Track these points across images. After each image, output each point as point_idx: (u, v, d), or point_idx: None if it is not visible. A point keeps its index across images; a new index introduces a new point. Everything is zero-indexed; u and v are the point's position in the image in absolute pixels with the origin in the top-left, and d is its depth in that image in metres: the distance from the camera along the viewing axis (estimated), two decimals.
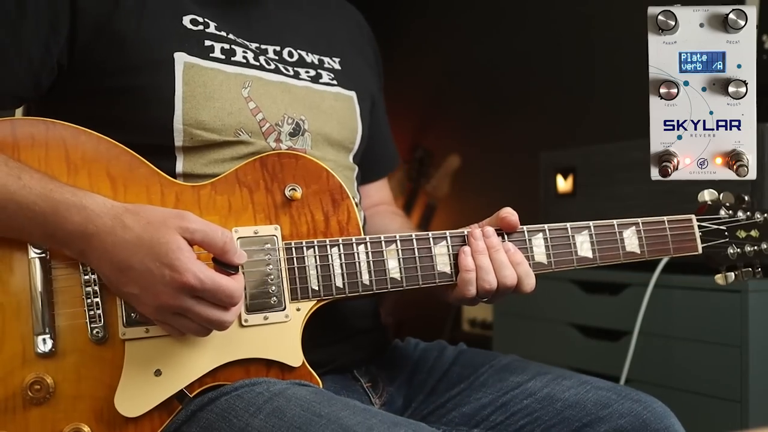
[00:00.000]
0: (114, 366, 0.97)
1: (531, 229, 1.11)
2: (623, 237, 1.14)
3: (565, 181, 2.10)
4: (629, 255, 1.14)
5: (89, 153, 1.00)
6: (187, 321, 0.93)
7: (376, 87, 1.37)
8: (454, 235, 1.08)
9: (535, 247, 1.10)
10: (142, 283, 0.91)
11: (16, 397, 0.95)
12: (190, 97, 1.05)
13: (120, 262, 0.91)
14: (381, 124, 1.41)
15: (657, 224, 1.16)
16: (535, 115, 2.94)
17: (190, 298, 0.91)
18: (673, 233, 1.16)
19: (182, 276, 0.89)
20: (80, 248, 0.93)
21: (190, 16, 1.10)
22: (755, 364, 1.59)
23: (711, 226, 1.18)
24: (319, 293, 1.03)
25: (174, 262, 0.89)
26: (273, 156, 1.05)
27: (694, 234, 1.17)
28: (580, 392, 1.10)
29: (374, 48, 1.42)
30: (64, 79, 1.06)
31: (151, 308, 0.92)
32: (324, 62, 1.24)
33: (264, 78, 1.13)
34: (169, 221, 0.91)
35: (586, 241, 1.12)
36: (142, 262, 0.90)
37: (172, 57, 1.06)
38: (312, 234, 1.04)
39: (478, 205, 3.29)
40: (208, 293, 0.90)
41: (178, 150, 1.06)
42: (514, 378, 1.15)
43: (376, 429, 0.88)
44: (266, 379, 0.99)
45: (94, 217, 0.92)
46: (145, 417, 0.97)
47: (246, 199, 1.03)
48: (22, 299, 0.96)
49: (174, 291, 0.90)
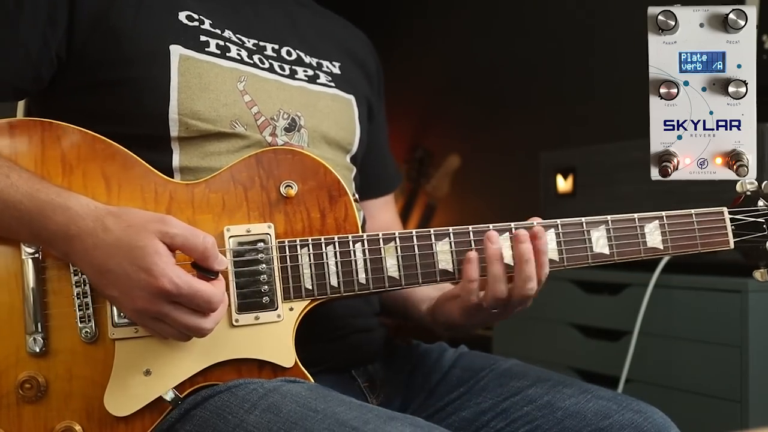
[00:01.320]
0: (105, 365, 0.97)
1: (542, 224, 1.06)
2: (644, 232, 1.08)
3: (565, 181, 2.09)
4: (651, 251, 1.08)
5: (84, 152, 1.00)
6: (166, 326, 0.92)
7: (375, 101, 1.36)
8: (457, 231, 1.05)
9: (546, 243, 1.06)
10: (120, 287, 0.90)
11: (10, 395, 0.96)
12: (185, 87, 1.05)
13: (100, 264, 0.91)
14: (381, 141, 1.40)
15: (683, 217, 1.09)
16: (535, 115, 2.94)
17: (167, 303, 0.90)
18: (702, 227, 1.09)
19: (157, 281, 0.88)
20: (64, 249, 0.93)
21: (186, 12, 1.11)
22: (755, 364, 1.59)
23: (747, 218, 1.10)
24: (313, 292, 1.01)
25: (150, 267, 0.88)
26: (269, 152, 1.04)
27: (725, 228, 1.09)
28: (580, 401, 1.09)
29: (378, 67, 1.41)
30: (62, 71, 1.07)
31: (130, 311, 0.92)
32: (323, 65, 1.24)
33: (258, 75, 1.13)
34: (149, 225, 0.91)
35: (603, 236, 1.07)
36: (120, 265, 0.89)
37: (167, 49, 1.06)
38: (307, 232, 1.03)
39: (478, 205, 3.29)
40: (185, 299, 0.89)
41: (174, 141, 1.06)
42: (515, 383, 1.14)
43: (372, 423, 0.88)
44: (260, 379, 0.98)
45: (77, 219, 0.92)
46: (136, 416, 0.97)
47: (240, 196, 1.02)
48: (15, 299, 0.96)
49: (150, 296, 0.89)
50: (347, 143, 1.23)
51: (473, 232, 1.05)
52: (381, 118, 1.41)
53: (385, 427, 0.87)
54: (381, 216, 1.41)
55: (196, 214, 1.00)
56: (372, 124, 1.34)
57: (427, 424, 0.92)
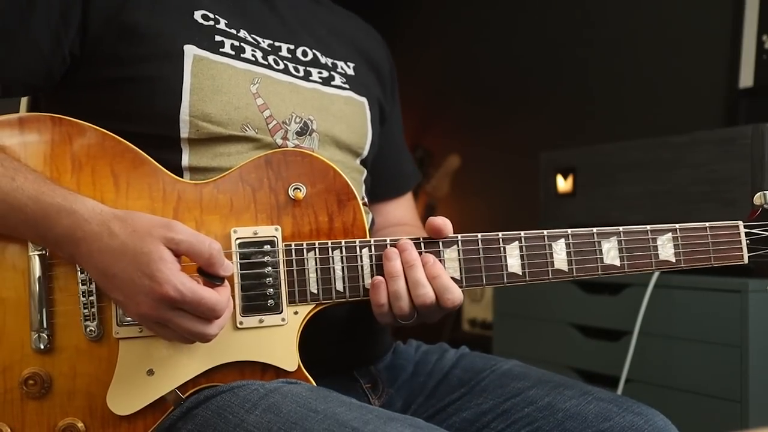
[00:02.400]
0: (109, 363, 0.97)
1: (552, 234, 1.04)
2: (657, 244, 1.06)
3: (565, 181, 2.09)
4: (662, 264, 1.06)
5: (94, 149, 0.99)
6: (170, 331, 0.92)
7: (387, 102, 1.36)
8: (465, 239, 1.03)
9: (555, 253, 1.04)
10: (125, 291, 0.90)
11: (14, 391, 0.96)
12: (198, 89, 1.05)
13: (105, 268, 0.90)
14: (396, 140, 1.40)
15: (697, 230, 1.07)
16: (535, 115, 2.94)
17: (171, 309, 0.89)
18: (716, 240, 1.07)
19: (161, 287, 0.88)
20: (69, 252, 0.93)
21: (202, 12, 1.11)
22: (755, 364, 1.59)
23: (763, 233, 1.07)
24: (318, 297, 1.01)
25: (155, 273, 0.88)
26: (279, 154, 1.04)
27: (740, 242, 1.07)
28: (581, 403, 1.09)
29: (392, 66, 1.41)
30: (74, 69, 1.07)
31: (134, 315, 0.92)
32: (337, 66, 1.24)
33: (272, 77, 1.13)
34: (154, 231, 0.90)
35: (614, 248, 1.04)
36: (125, 270, 0.89)
37: (181, 49, 1.06)
38: (315, 235, 1.02)
39: (478, 205, 3.29)
40: (189, 306, 0.89)
41: (184, 142, 1.06)
42: (516, 384, 1.14)
43: (372, 424, 0.88)
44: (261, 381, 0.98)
45: (83, 222, 0.91)
46: (138, 415, 0.97)
47: (248, 198, 1.01)
48: (21, 295, 0.96)
49: (154, 302, 0.89)
50: (358, 147, 1.22)
51: (482, 240, 1.04)
52: (395, 117, 1.40)
53: (384, 427, 0.87)
54: (397, 214, 1.41)
55: (204, 215, 1.00)
56: (385, 125, 1.34)
57: (427, 425, 0.92)
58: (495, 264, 1.03)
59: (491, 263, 1.03)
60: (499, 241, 1.03)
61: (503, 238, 1.04)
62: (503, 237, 1.04)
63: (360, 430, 0.86)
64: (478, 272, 1.03)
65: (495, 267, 1.03)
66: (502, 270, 1.03)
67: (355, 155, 1.22)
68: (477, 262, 1.03)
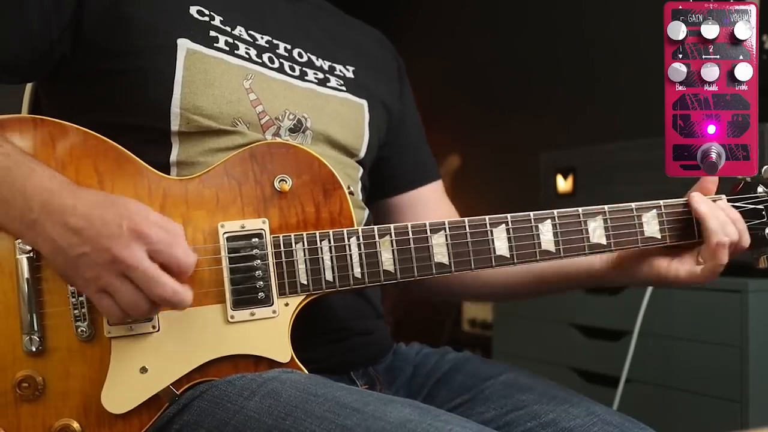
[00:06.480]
0: (102, 363, 0.97)
1: (538, 216, 1.05)
2: (642, 221, 1.07)
3: (565, 181, 2.09)
4: (648, 240, 1.07)
5: (77, 149, 0.99)
6: (126, 287, 0.90)
7: (397, 99, 1.35)
8: (452, 224, 1.03)
9: (542, 234, 1.04)
10: (95, 239, 0.89)
11: (8, 394, 0.96)
12: (190, 82, 1.05)
13: (77, 220, 0.90)
14: (410, 139, 1.38)
15: (681, 206, 1.08)
16: (535, 115, 2.94)
17: (142, 249, 0.89)
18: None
19: (138, 225, 0.89)
20: (32, 217, 0.91)
21: (197, 7, 1.10)
22: (755, 364, 1.59)
23: (746, 206, 1.09)
24: (308, 287, 1.01)
25: (133, 216, 0.90)
26: (263, 146, 1.03)
27: None
28: (586, 423, 1.05)
29: (399, 64, 1.40)
30: (68, 59, 1.06)
31: (95, 269, 0.90)
32: (335, 69, 1.23)
33: (266, 74, 1.12)
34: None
35: (600, 227, 1.06)
36: (102, 216, 0.89)
37: (175, 42, 1.05)
38: (302, 226, 1.02)
39: (478, 205, 3.28)
40: (161, 244, 0.90)
41: (174, 135, 1.05)
42: (521, 396, 1.11)
43: (372, 405, 0.88)
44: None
45: (57, 174, 0.93)
46: (134, 413, 0.96)
47: (234, 191, 1.01)
48: (10, 298, 0.96)
49: (128, 240, 0.88)
50: (353, 148, 1.21)
51: (469, 225, 1.04)
52: (409, 114, 1.39)
53: (385, 408, 0.88)
54: (429, 204, 1.40)
55: (191, 210, 1.00)
56: (395, 123, 1.33)
57: (427, 407, 0.92)
58: (483, 248, 1.03)
59: (479, 246, 1.03)
60: (486, 225, 1.04)
61: (490, 221, 1.04)
62: (490, 221, 1.04)
63: (361, 410, 0.87)
64: (466, 256, 1.03)
65: (483, 251, 1.03)
66: (490, 253, 1.03)
67: (349, 155, 1.22)
68: (465, 246, 1.03)
